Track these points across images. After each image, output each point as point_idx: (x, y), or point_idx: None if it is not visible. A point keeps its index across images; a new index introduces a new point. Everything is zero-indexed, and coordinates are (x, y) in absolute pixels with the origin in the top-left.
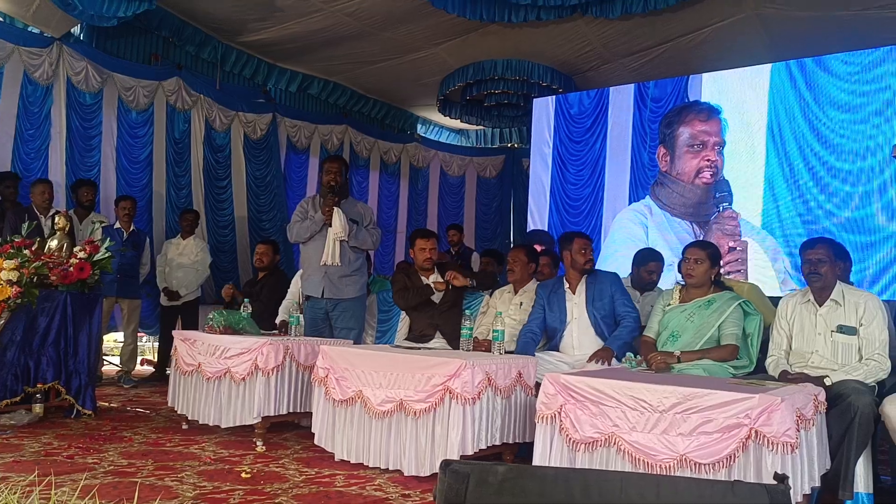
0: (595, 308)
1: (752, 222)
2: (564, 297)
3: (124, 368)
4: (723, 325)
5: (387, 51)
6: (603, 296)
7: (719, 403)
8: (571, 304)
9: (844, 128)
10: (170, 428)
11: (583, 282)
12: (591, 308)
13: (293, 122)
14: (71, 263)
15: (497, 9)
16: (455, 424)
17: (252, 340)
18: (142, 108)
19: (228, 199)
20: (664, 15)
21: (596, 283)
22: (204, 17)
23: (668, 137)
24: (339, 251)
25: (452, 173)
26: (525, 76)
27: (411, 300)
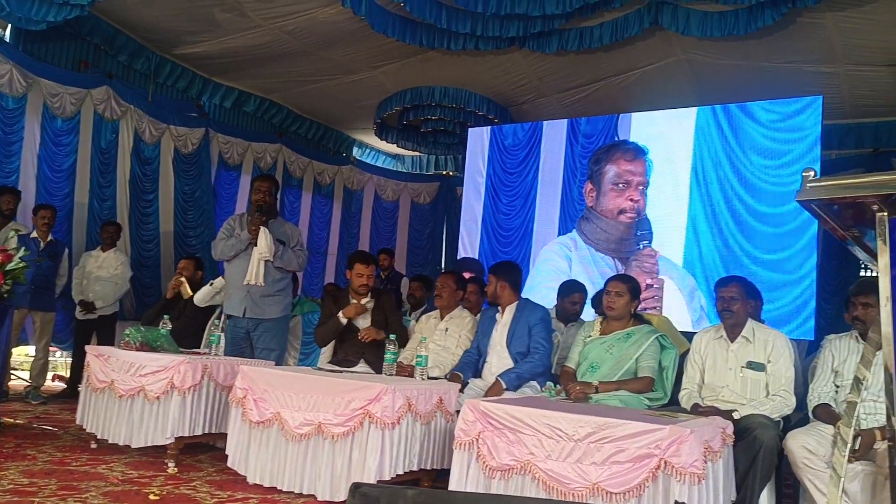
0: (514, 340)
1: (673, 260)
2: (493, 325)
3: (33, 384)
4: (640, 357)
5: (325, 71)
6: (524, 329)
7: (631, 434)
8: (496, 333)
9: (765, 172)
10: (77, 447)
11: (510, 312)
12: (511, 338)
13: (226, 139)
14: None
15: (437, 35)
16: (373, 449)
17: (169, 358)
18: (68, 116)
19: (154, 214)
20: (598, 54)
21: (522, 316)
22: (138, 27)
23: (596, 174)
24: (263, 271)
25: (387, 198)
26: (462, 104)
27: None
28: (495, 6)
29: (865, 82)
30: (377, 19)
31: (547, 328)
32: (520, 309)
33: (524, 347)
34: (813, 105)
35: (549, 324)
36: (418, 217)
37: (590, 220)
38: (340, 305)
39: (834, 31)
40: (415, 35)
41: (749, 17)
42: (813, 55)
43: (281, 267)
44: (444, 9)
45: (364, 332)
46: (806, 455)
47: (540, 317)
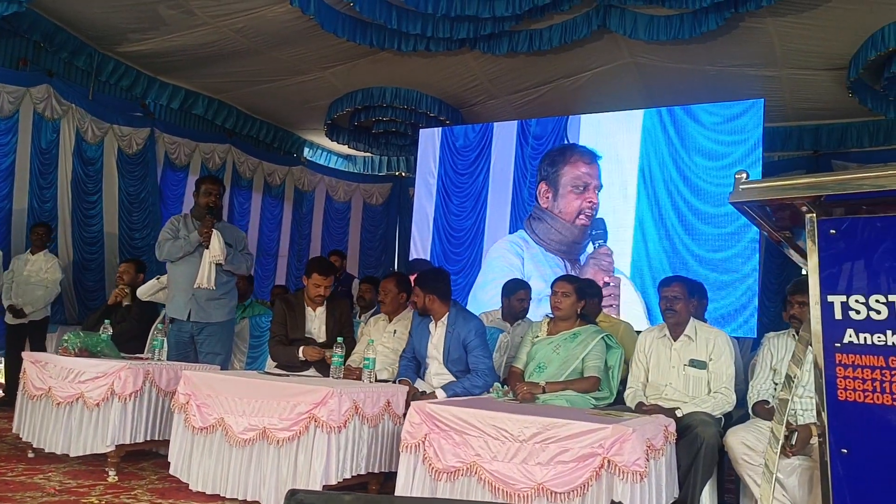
0: (450, 356)
1: (622, 260)
2: (427, 335)
3: None
4: (586, 357)
5: (274, 71)
6: (458, 345)
7: (575, 433)
8: (431, 346)
9: (709, 174)
10: (14, 456)
11: (443, 325)
12: (447, 354)
13: (172, 139)
14: None
15: (388, 36)
16: (319, 453)
17: (109, 364)
18: (6, 115)
19: (98, 215)
20: (548, 56)
21: (455, 329)
22: (79, 24)
23: (552, 175)
24: (214, 274)
25: (338, 199)
26: (413, 106)
27: (279, 358)
28: (445, 7)
29: (806, 86)
30: (327, 19)
31: (483, 340)
32: (451, 321)
33: (462, 364)
34: (754, 108)
35: (483, 335)
36: (370, 218)
37: (543, 220)
38: (295, 313)
39: (775, 35)
40: (365, 35)
41: (694, 22)
42: (755, 59)
43: (231, 270)
44: (394, 9)
45: (306, 352)
46: (745, 451)
47: (474, 330)
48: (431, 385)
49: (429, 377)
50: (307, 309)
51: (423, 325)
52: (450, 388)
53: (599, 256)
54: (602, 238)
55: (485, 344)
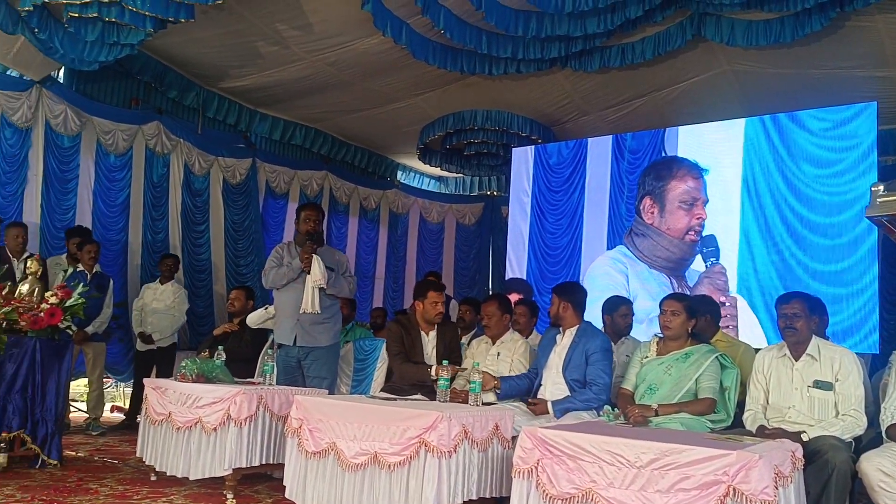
0: (570, 366)
1: (728, 275)
2: (552, 346)
3: (92, 415)
4: (700, 378)
5: (367, 100)
6: (581, 356)
7: (697, 460)
8: (554, 355)
9: (819, 182)
10: (138, 479)
11: (570, 335)
12: (567, 364)
13: (273, 168)
14: (42, 309)
15: (478, 61)
16: (430, 478)
17: (225, 389)
18: (120, 152)
19: (206, 244)
20: (641, 69)
21: (581, 341)
22: (186, 63)
23: (658, 190)
24: (318, 299)
25: (432, 220)
26: (504, 127)
27: (408, 378)
28: (536, 28)
29: None
30: (418, 48)
31: (608, 358)
32: (580, 333)
33: (580, 375)
34: (866, 111)
35: (610, 354)
36: (464, 238)
37: (647, 236)
38: (411, 336)
39: (885, 34)
40: (456, 62)
41: (796, 24)
42: (864, 60)
43: (333, 294)
44: (484, 34)
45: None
46: (882, 478)
47: (600, 345)
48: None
49: (541, 394)
50: (421, 333)
51: (550, 337)
52: (563, 404)
53: (714, 275)
54: (714, 255)
55: (608, 360)
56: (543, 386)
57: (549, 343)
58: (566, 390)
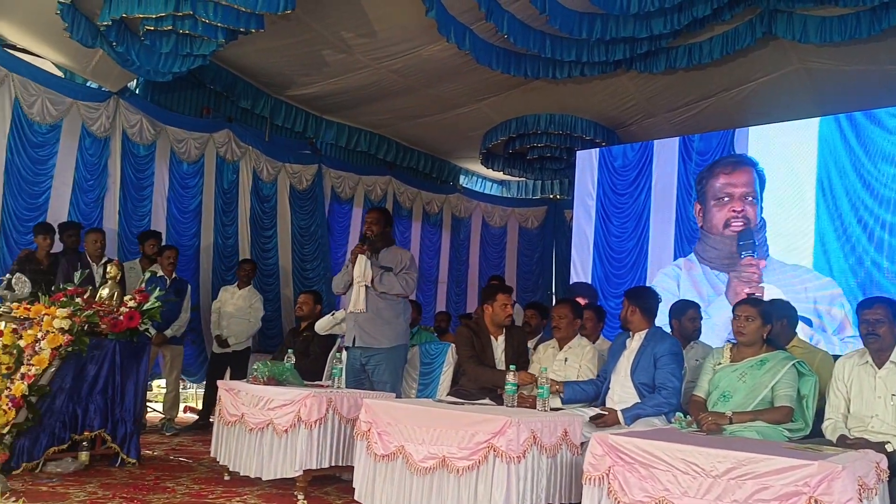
0: (638, 369)
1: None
2: (622, 350)
3: (167, 416)
4: (776, 385)
5: (431, 106)
6: (649, 359)
7: (776, 470)
8: (623, 359)
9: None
10: (212, 479)
11: (639, 339)
12: (636, 367)
13: (338, 173)
14: (121, 312)
15: (541, 65)
16: (499, 483)
17: (295, 392)
18: (193, 160)
19: (273, 249)
20: (708, 69)
21: (650, 345)
22: (255, 72)
23: (701, 193)
24: (364, 297)
25: (494, 224)
26: (568, 130)
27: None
28: (600, 31)
29: None
30: (482, 53)
31: (678, 362)
32: (649, 337)
33: (648, 379)
34: None
35: (680, 358)
36: (527, 242)
37: (702, 239)
38: (482, 341)
39: None
40: (519, 66)
41: (872, 19)
42: None
43: (385, 292)
44: (547, 38)
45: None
46: None
47: (669, 349)
48: (615, 407)
49: (610, 400)
50: (490, 337)
51: (620, 342)
52: (633, 410)
53: (741, 268)
54: (749, 249)
55: (678, 364)
56: (612, 390)
57: (618, 348)
58: (635, 395)
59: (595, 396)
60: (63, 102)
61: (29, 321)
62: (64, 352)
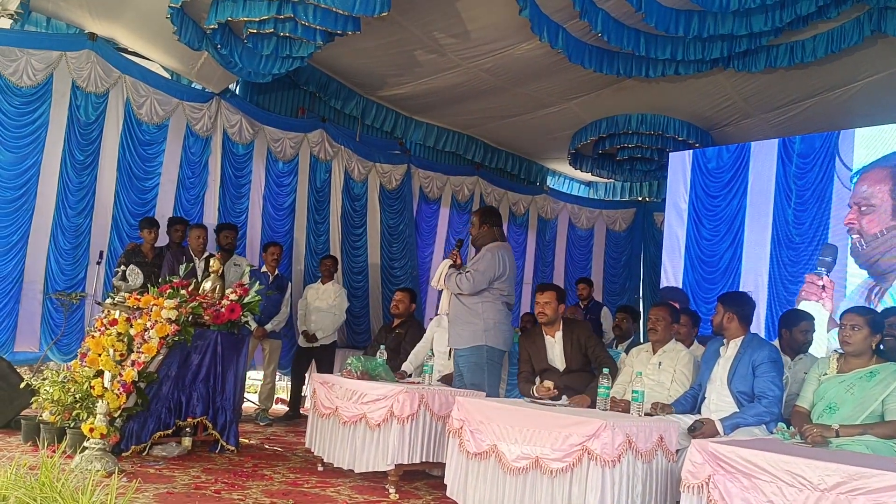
0: (735, 377)
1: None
2: (716, 358)
3: (262, 406)
4: (887, 399)
5: (520, 106)
6: (746, 366)
7: (890, 486)
8: (718, 367)
9: None
10: (306, 469)
11: (735, 346)
12: (733, 375)
13: (426, 173)
14: (223, 304)
15: (634, 64)
16: (594, 487)
17: (389, 387)
18: (288, 159)
19: (363, 247)
20: (811, 68)
21: (747, 352)
22: (348, 73)
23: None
24: (446, 300)
25: (581, 226)
26: (660, 131)
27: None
28: (697, 28)
29: None
30: (574, 51)
31: (777, 369)
32: (745, 344)
33: (747, 387)
34: None
35: (780, 365)
36: (614, 244)
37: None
38: (536, 344)
39: None
40: (612, 65)
41: None
42: None
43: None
44: (642, 35)
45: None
46: None
47: (768, 356)
48: (711, 417)
49: (706, 408)
50: (546, 337)
51: (714, 349)
52: (732, 419)
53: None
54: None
55: (778, 372)
56: (708, 399)
57: (712, 355)
58: (732, 404)
59: (694, 406)
60: (170, 103)
61: (139, 311)
62: (171, 341)
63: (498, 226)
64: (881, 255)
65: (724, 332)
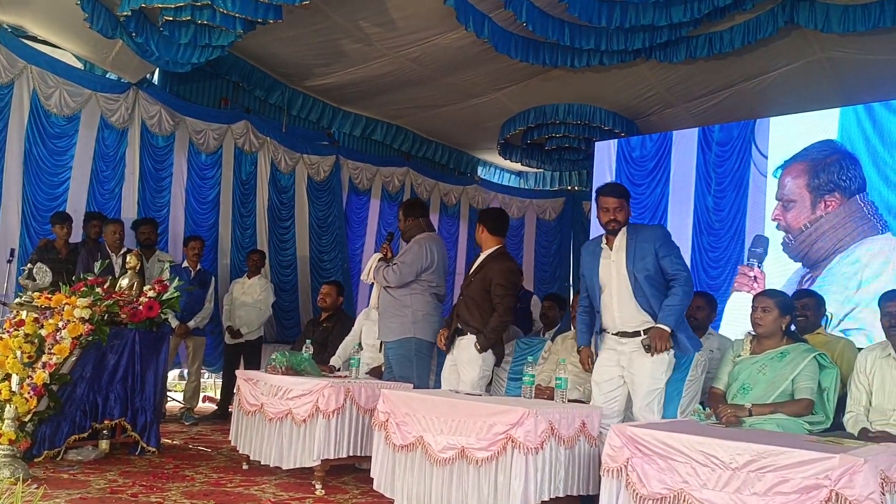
0: (636, 263)
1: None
2: (596, 258)
3: (187, 405)
4: (797, 378)
5: (449, 96)
6: (646, 249)
7: (797, 462)
8: (603, 266)
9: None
10: (231, 468)
11: (622, 237)
12: (633, 262)
13: (355, 164)
14: (140, 302)
15: (560, 54)
16: (518, 474)
17: (314, 382)
18: (211, 151)
19: (291, 240)
20: (729, 59)
21: (635, 237)
22: (272, 63)
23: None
24: (376, 292)
25: (512, 215)
26: (587, 120)
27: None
28: (620, 19)
29: None
30: (500, 41)
31: (675, 248)
32: (630, 232)
33: (653, 267)
34: None
35: (672, 242)
36: (544, 234)
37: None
38: None
39: None
40: (538, 55)
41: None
42: None
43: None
44: (567, 26)
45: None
46: None
47: (661, 233)
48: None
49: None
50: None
51: (590, 251)
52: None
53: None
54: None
55: (677, 249)
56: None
57: (592, 257)
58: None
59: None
60: (81, 94)
61: (50, 310)
62: (84, 341)
63: (424, 216)
64: (809, 248)
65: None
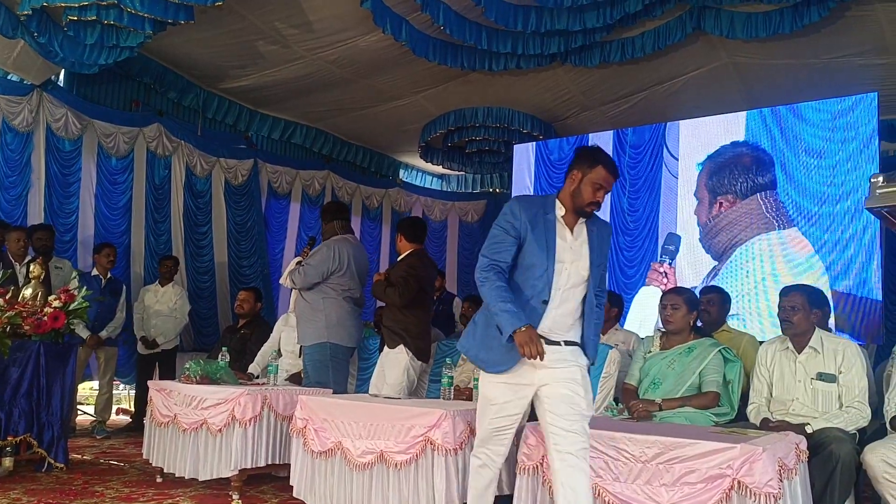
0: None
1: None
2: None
3: (99, 418)
4: (703, 371)
5: (369, 98)
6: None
7: (701, 454)
8: (565, 246)
9: (820, 173)
10: (144, 481)
11: (581, 224)
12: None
13: (274, 168)
14: (45, 313)
15: (478, 57)
16: (438, 476)
17: (230, 390)
18: (122, 155)
19: (208, 245)
20: (641, 63)
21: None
22: (185, 64)
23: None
24: (292, 297)
25: (434, 218)
26: (505, 123)
27: None
28: (535, 23)
29: None
30: (418, 44)
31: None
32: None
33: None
34: (865, 101)
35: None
36: (467, 236)
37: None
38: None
39: (885, 22)
40: (456, 58)
41: (795, 15)
42: (864, 48)
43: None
44: (483, 30)
45: None
46: (886, 469)
47: (608, 229)
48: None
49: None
50: None
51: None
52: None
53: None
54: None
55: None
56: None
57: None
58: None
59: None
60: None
61: None
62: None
63: (340, 219)
64: (711, 240)
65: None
